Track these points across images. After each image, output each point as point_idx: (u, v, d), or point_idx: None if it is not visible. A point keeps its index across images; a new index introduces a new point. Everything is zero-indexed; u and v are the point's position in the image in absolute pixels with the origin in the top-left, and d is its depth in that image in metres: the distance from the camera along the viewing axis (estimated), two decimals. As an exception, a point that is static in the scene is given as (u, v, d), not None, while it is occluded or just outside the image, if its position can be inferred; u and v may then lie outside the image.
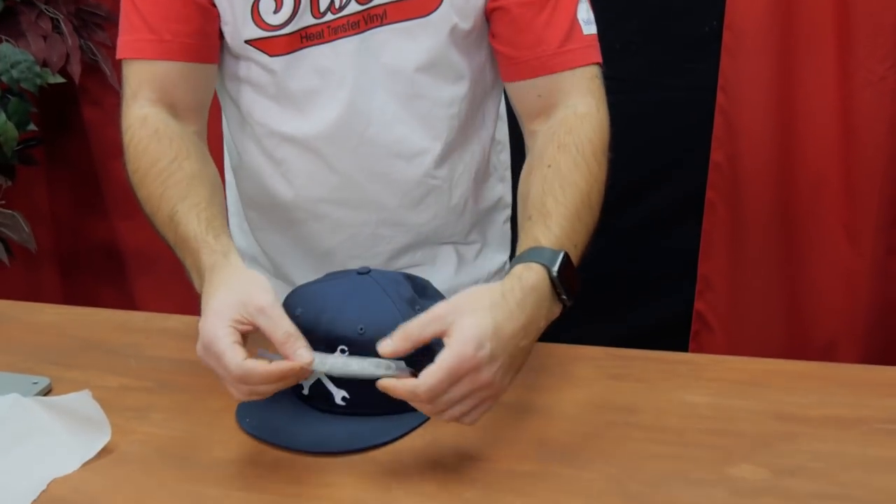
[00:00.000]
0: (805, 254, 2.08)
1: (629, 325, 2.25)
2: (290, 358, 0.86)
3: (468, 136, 1.23)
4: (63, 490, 0.90)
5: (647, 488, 0.88)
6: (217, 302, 0.89)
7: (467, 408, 0.88)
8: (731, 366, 1.11)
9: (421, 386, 0.85)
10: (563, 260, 0.93)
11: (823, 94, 1.96)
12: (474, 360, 0.85)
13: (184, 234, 0.99)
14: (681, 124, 2.12)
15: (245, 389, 0.87)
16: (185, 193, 1.03)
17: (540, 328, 0.92)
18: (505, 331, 0.87)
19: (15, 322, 1.28)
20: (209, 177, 1.08)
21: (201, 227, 0.99)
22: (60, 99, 2.35)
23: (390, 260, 1.26)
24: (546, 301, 0.92)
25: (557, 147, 1.05)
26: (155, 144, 1.08)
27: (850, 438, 0.95)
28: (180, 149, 1.08)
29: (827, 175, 2.01)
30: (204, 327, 0.88)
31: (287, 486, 0.90)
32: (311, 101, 1.15)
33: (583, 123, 1.07)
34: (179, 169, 1.06)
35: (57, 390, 1.07)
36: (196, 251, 0.97)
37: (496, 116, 1.27)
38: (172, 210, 1.02)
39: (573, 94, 1.11)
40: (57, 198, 2.51)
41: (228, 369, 0.85)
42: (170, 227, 1.02)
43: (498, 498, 0.87)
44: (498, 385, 0.88)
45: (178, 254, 1.02)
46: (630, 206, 2.18)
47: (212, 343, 0.86)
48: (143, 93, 1.12)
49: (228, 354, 0.85)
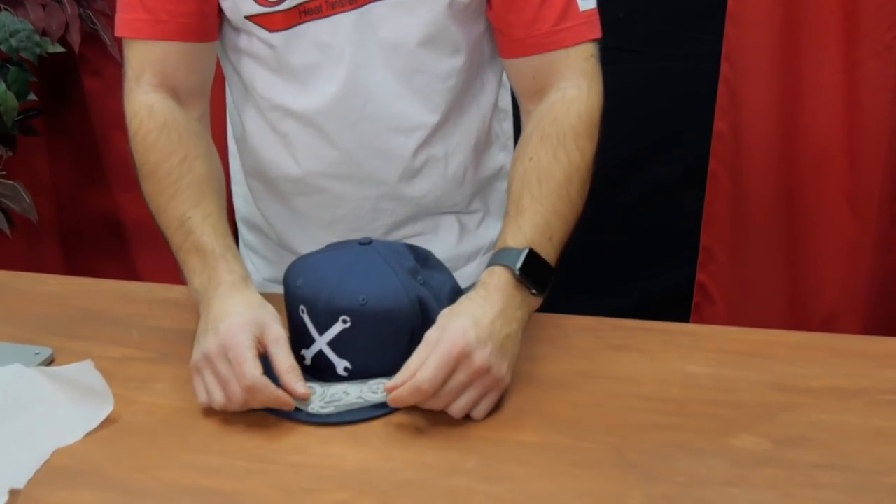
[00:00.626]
0: (807, 225, 2.08)
1: (631, 296, 2.25)
2: (289, 388, 0.93)
3: (466, 106, 1.22)
4: (66, 460, 0.90)
5: (648, 458, 0.88)
6: (239, 317, 0.95)
7: (473, 398, 0.93)
8: (732, 336, 1.11)
9: (421, 380, 0.90)
10: (527, 257, 0.99)
11: (828, 63, 1.95)
12: (463, 344, 0.90)
13: (198, 244, 1.04)
14: (684, 94, 2.11)
15: (241, 398, 0.93)
16: (198, 200, 1.07)
17: (519, 318, 0.98)
18: (482, 320, 0.93)
19: (17, 293, 1.28)
20: (217, 179, 1.13)
21: (219, 241, 1.04)
22: (60, 69, 2.34)
23: (392, 231, 1.26)
24: (516, 296, 0.98)
25: (540, 138, 1.08)
26: (164, 139, 1.10)
27: (851, 409, 0.95)
28: (190, 147, 1.10)
29: (830, 146, 2.00)
30: (228, 332, 0.94)
31: (289, 455, 0.90)
32: (311, 76, 1.15)
33: (569, 110, 1.09)
34: (190, 171, 1.09)
35: (59, 361, 1.07)
36: (212, 264, 1.02)
37: (497, 84, 1.26)
38: (184, 215, 1.06)
39: (566, 75, 1.11)
40: (58, 169, 2.50)
41: (244, 376, 0.91)
42: (179, 231, 1.06)
43: (498, 468, 0.87)
44: (496, 371, 0.93)
45: (180, 255, 1.06)
46: (632, 177, 2.17)
47: (236, 347, 0.93)
48: (145, 77, 1.13)
49: (251, 364, 0.92)
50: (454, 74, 1.18)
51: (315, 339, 0.99)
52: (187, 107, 1.15)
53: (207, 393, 0.95)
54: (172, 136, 1.10)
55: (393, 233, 1.26)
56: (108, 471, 0.88)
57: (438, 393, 0.91)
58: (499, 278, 0.98)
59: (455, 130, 1.22)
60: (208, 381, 0.95)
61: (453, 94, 1.19)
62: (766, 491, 0.83)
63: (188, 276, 1.05)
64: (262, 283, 1.38)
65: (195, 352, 0.98)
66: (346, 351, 0.99)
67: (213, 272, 1.02)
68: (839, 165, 2.02)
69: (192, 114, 1.15)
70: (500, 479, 0.85)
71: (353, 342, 0.98)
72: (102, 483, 0.86)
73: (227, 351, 0.93)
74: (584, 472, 0.86)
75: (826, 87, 1.97)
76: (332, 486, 0.85)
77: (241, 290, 1.01)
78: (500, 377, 0.94)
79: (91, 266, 2.55)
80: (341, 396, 0.97)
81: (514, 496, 0.83)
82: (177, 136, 1.10)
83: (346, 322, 0.97)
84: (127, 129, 1.13)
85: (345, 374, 0.99)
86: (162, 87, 1.13)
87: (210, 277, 1.02)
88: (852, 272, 2.06)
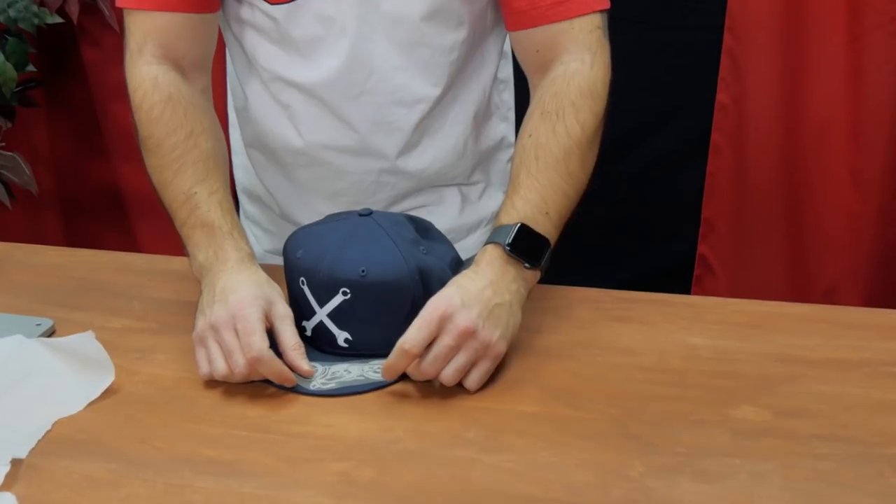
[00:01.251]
0: (809, 197, 2.07)
1: (632, 268, 2.25)
2: (294, 364, 0.95)
3: (467, 79, 1.21)
4: (68, 430, 0.90)
5: (649, 429, 0.88)
6: (249, 291, 0.96)
7: (462, 363, 0.93)
8: (733, 308, 1.11)
9: (403, 340, 0.92)
10: (518, 232, 0.99)
11: (832, 35, 1.94)
12: (446, 306, 0.92)
13: (205, 219, 1.05)
14: (686, 65, 2.10)
15: (245, 369, 0.93)
16: (203, 175, 1.07)
17: (513, 290, 0.98)
18: (469, 288, 0.95)
19: (18, 264, 1.28)
20: (221, 155, 1.13)
21: (226, 218, 1.05)
22: (59, 39, 2.33)
23: (394, 204, 1.25)
24: (509, 270, 0.98)
25: (540, 114, 1.07)
26: (170, 113, 1.09)
27: (852, 380, 0.95)
28: (195, 122, 1.10)
29: (833, 118, 1.99)
30: (239, 303, 0.95)
31: (290, 426, 0.90)
32: (313, 49, 1.14)
33: (570, 84, 1.07)
34: (196, 146, 1.09)
35: (60, 332, 1.07)
36: (219, 240, 1.03)
37: (498, 55, 1.25)
38: (189, 190, 1.06)
39: (570, 48, 1.10)
40: (57, 140, 2.49)
41: (251, 347, 0.92)
42: (185, 206, 1.06)
43: (500, 438, 0.87)
44: (484, 336, 0.93)
45: (184, 229, 1.06)
46: (634, 148, 2.16)
47: (245, 318, 0.93)
48: (148, 47, 1.12)
49: (259, 336, 0.93)
50: (457, 48, 1.17)
51: (315, 310, 0.99)
52: (190, 79, 1.14)
53: (210, 363, 0.95)
54: (178, 109, 1.10)
55: (395, 206, 1.25)
56: (110, 441, 0.89)
57: (426, 357, 0.92)
58: (490, 254, 0.99)
59: (455, 103, 1.22)
60: (212, 351, 0.95)
61: (455, 67, 1.18)
62: (766, 462, 0.83)
63: (192, 251, 1.05)
64: (263, 255, 1.38)
65: (199, 322, 0.98)
66: (347, 322, 0.99)
67: (220, 249, 1.02)
68: (842, 137, 2.01)
69: (195, 86, 1.14)
70: (500, 450, 0.85)
71: (354, 314, 0.98)
72: (104, 453, 0.87)
73: (237, 322, 0.94)
74: (584, 442, 0.86)
75: (829, 59, 1.96)
76: (334, 457, 0.85)
77: (249, 266, 1.01)
78: (489, 343, 0.94)
79: (91, 237, 2.54)
80: (343, 374, 0.97)
81: (514, 466, 0.83)
82: (182, 111, 1.10)
83: (346, 294, 0.97)
84: (130, 101, 1.12)
85: (345, 345, 0.99)
86: (165, 59, 1.12)
87: (216, 253, 1.02)
88: (854, 244, 2.06)
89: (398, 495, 0.80)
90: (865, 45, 1.93)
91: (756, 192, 2.10)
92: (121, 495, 0.81)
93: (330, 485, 0.81)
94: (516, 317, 0.98)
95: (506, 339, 0.96)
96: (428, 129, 1.21)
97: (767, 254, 2.15)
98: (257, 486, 0.81)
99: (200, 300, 1.00)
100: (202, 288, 1.02)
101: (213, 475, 0.83)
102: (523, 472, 0.82)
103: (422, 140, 1.21)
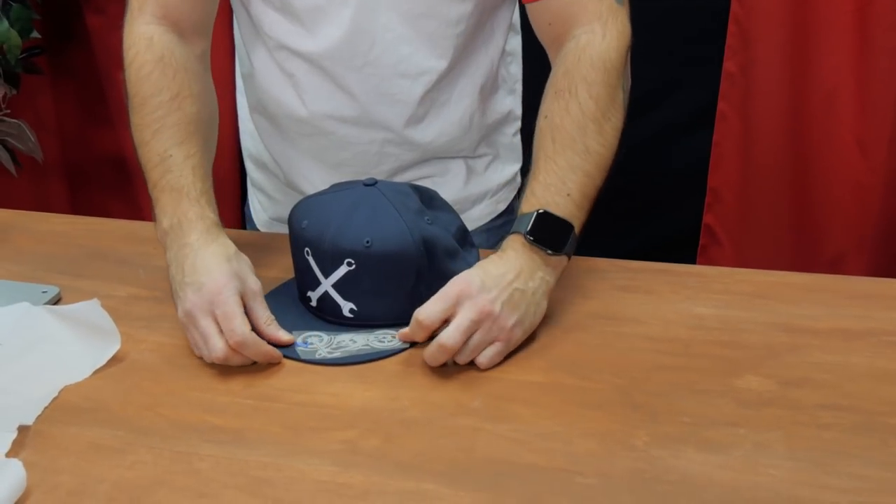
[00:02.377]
0: (816, 166, 2.06)
1: (638, 238, 2.25)
2: (273, 338, 0.96)
3: (474, 51, 1.20)
4: (75, 397, 0.91)
5: (654, 398, 0.88)
6: (221, 273, 0.95)
7: (477, 343, 0.93)
8: (738, 278, 1.11)
9: (419, 311, 0.93)
10: (536, 220, 0.98)
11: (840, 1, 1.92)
12: (465, 285, 0.93)
13: (174, 183, 1.03)
14: (692, 33, 2.08)
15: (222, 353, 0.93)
16: (182, 138, 1.06)
17: (539, 278, 0.98)
18: (492, 272, 0.95)
19: (23, 232, 1.28)
20: (207, 122, 1.11)
21: (196, 184, 1.03)
22: (63, 6, 2.32)
23: (398, 174, 1.25)
24: (534, 259, 0.98)
25: (554, 94, 1.05)
26: (158, 73, 1.08)
27: (857, 350, 0.95)
28: (183, 85, 1.08)
29: (841, 86, 1.98)
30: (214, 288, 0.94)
31: (295, 394, 0.90)
32: (315, 19, 1.13)
33: (580, 59, 1.05)
34: (179, 109, 1.07)
35: (66, 299, 1.08)
36: (185, 207, 1.01)
37: (507, 28, 1.24)
38: (165, 152, 1.05)
39: (581, 20, 1.08)
40: (62, 107, 2.48)
41: (235, 332, 0.92)
42: (158, 167, 1.04)
43: (505, 408, 0.88)
44: (502, 320, 0.93)
45: (154, 192, 1.05)
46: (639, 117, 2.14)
47: (224, 304, 0.93)
48: (149, 7, 1.11)
49: (240, 320, 0.93)
50: (463, 20, 1.15)
51: (321, 281, 0.99)
52: (189, 43, 1.13)
53: (200, 348, 0.96)
54: (167, 71, 1.08)
55: (399, 176, 1.25)
56: (116, 408, 0.89)
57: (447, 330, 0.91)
58: (512, 243, 0.99)
59: (462, 76, 1.21)
60: (196, 339, 0.96)
61: (462, 39, 1.17)
62: (770, 431, 0.83)
63: (158, 215, 1.03)
64: (269, 223, 1.38)
65: (178, 308, 0.98)
66: (352, 293, 0.99)
67: (185, 217, 1.01)
68: (849, 106, 1.99)
69: (193, 51, 1.13)
70: (506, 419, 0.86)
71: (359, 284, 0.98)
72: (110, 420, 0.87)
73: (215, 307, 0.93)
74: (589, 412, 0.87)
75: (837, 26, 1.94)
76: (339, 425, 0.86)
77: (216, 237, 1.00)
78: (506, 327, 0.93)
79: (97, 205, 2.54)
80: (348, 344, 0.97)
81: (519, 435, 0.83)
82: (171, 72, 1.08)
83: (350, 265, 0.97)
84: (123, 58, 1.11)
85: (350, 315, 0.99)
86: (165, 20, 1.11)
87: (180, 222, 1.01)
88: (860, 213, 2.05)
89: (403, 464, 0.81)
90: (873, 12, 1.91)
91: (762, 161, 2.09)
92: (127, 462, 0.81)
93: (335, 453, 0.82)
94: (539, 306, 0.98)
95: (523, 326, 0.95)
96: (434, 101, 1.20)
97: (773, 223, 2.14)
98: (263, 454, 0.82)
99: (171, 276, 1.00)
100: (168, 259, 1.01)
101: (218, 443, 0.84)
102: (528, 442, 0.83)
103: (428, 113, 1.20)
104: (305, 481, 0.79)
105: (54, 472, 0.80)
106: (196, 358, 0.97)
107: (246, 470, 0.80)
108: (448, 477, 0.79)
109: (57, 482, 0.79)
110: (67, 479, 0.79)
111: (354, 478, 0.79)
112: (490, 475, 0.79)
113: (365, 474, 0.79)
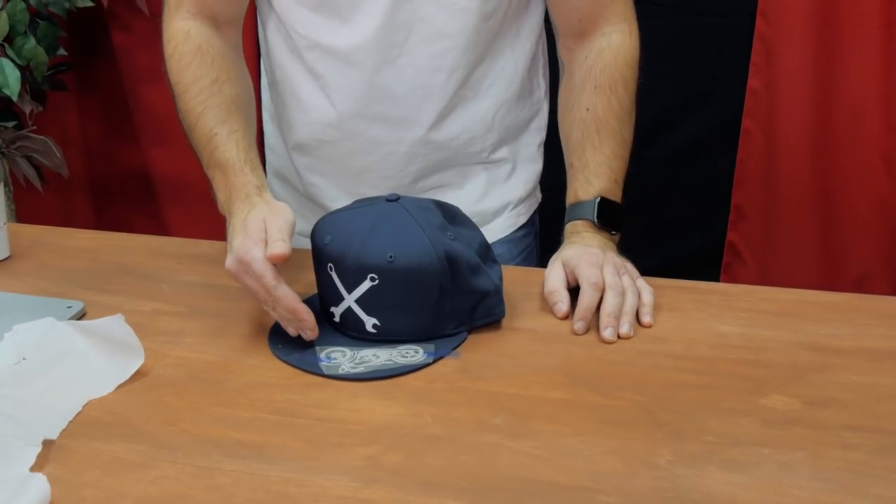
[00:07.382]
0: (841, 184, 2.05)
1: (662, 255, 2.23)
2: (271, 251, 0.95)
3: (501, 49, 1.22)
4: (98, 412, 0.91)
5: (677, 417, 0.88)
6: (250, 230, 0.97)
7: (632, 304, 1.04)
8: (763, 296, 1.10)
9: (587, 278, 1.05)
10: (600, 206, 1.14)
11: (866, 19, 1.91)
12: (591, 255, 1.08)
13: (221, 159, 1.08)
14: (718, 50, 2.08)
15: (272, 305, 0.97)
16: (225, 117, 1.11)
17: (614, 252, 1.13)
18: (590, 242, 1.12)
19: (49, 247, 1.29)
20: (246, 102, 1.17)
21: (240, 155, 1.08)
22: (89, 23, 2.34)
23: (421, 179, 1.25)
24: (604, 238, 1.14)
25: (594, 88, 1.17)
26: (198, 62, 1.14)
27: (883, 370, 0.94)
28: (221, 70, 1.15)
29: (866, 104, 1.97)
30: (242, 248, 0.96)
31: (317, 410, 0.90)
32: (353, 10, 1.15)
33: (616, 57, 1.18)
34: (220, 92, 1.13)
35: (91, 314, 1.08)
36: (231, 178, 1.06)
37: (534, 35, 1.25)
38: (211, 131, 1.10)
39: (610, 19, 1.18)
40: (88, 124, 2.51)
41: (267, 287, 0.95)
42: (207, 146, 1.10)
43: (527, 424, 0.87)
44: (630, 267, 1.10)
45: (208, 171, 1.11)
46: (665, 134, 2.15)
47: (253, 262, 0.95)
48: (185, 4, 1.18)
49: (270, 276, 0.95)
50: (496, 14, 1.18)
51: (344, 296, 0.99)
52: (224, 35, 1.19)
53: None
54: (206, 59, 1.15)
55: (422, 181, 1.25)
56: (139, 423, 0.89)
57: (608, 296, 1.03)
58: (581, 227, 1.14)
59: (489, 71, 1.22)
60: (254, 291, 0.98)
61: (491, 34, 1.19)
62: (795, 451, 0.82)
63: (215, 192, 1.09)
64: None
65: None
66: (375, 308, 0.99)
67: (232, 187, 1.06)
68: (875, 123, 1.98)
69: (228, 41, 1.19)
70: (528, 436, 0.85)
71: (382, 299, 0.98)
72: (133, 435, 0.87)
73: (247, 267, 0.96)
74: (612, 429, 0.86)
75: (863, 44, 1.94)
76: (361, 441, 0.85)
77: (253, 201, 1.03)
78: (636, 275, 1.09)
79: (122, 221, 2.56)
80: (371, 359, 0.97)
81: (541, 453, 0.83)
82: (209, 60, 1.15)
83: (374, 280, 0.97)
84: (163, 53, 1.17)
85: (373, 330, 0.99)
86: (200, 15, 1.18)
87: (230, 193, 1.06)
88: (886, 232, 2.04)
89: (424, 480, 0.80)
90: (900, 29, 1.90)
91: (787, 178, 2.08)
92: (150, 477, 0.81)
93: (357, 469, 0.82)
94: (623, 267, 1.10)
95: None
96: (462, 98, 1.22)
97: (798, 241, 2.13)
98: (285, 470, 0.82)
99: None
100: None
101: (240, 458, 0.84)
102: (550, 459, 0.82)
103: (455, 109, 1.22)
104: (327, 497, 0.78)
105: (78, 487, 0.80)
106: (219, 373, 0.97)
107: (268, 485, 0.80)
108: (470, 494, 0.79)
109: (80, 497, 0.79)
110: (91, 494, 0.80)
111: (376, 494, 0.79)
112: (512, 492, 0.78)
113: (387, 490, 0.79)
